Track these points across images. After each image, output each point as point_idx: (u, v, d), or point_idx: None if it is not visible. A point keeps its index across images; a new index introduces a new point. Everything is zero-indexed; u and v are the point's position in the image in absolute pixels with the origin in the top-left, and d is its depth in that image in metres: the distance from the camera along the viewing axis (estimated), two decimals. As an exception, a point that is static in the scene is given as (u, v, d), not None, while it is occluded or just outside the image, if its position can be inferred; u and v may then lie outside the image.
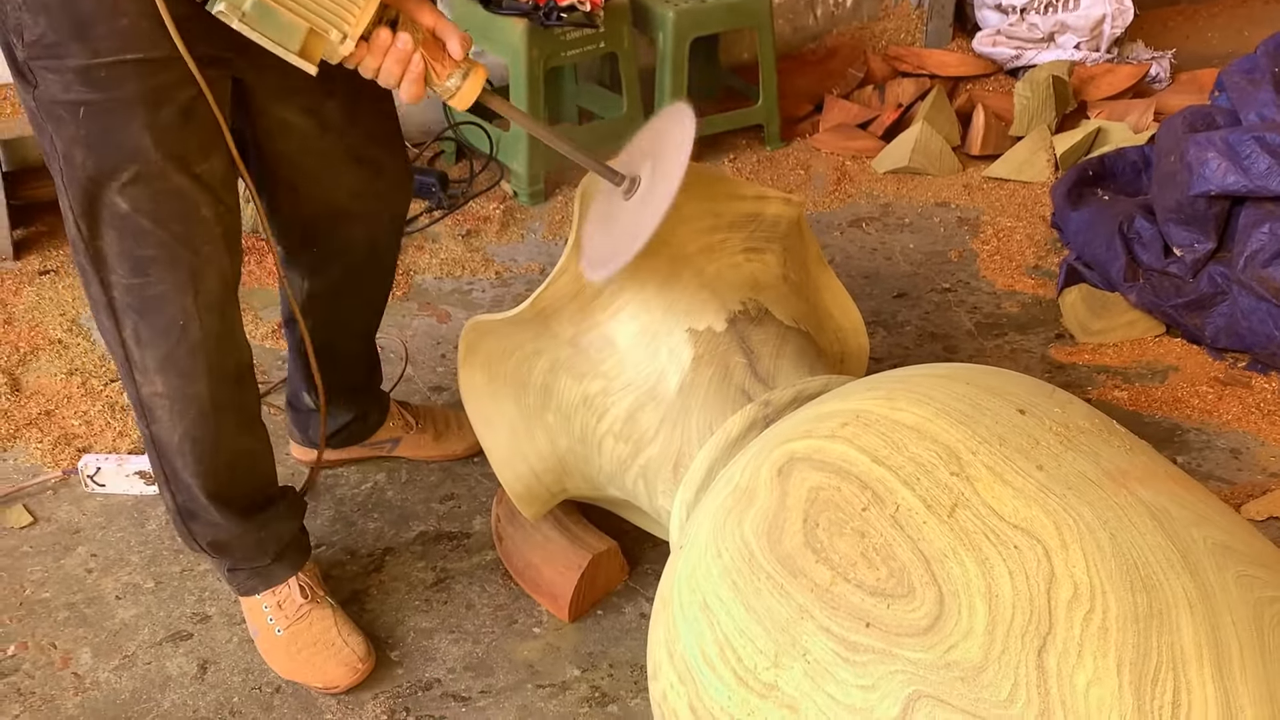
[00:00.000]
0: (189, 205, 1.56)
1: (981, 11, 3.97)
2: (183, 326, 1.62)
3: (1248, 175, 2.55)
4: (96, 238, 1.57)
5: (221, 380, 1.71)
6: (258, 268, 2.94)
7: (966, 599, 1.15)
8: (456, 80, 1.52)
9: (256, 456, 1.87)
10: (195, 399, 1.69)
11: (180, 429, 1.71)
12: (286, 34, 1.40)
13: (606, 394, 1.79)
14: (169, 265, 1.58)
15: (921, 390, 1.38)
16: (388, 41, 1.45)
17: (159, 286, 1.59)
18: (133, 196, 1.53)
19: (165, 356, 1.64)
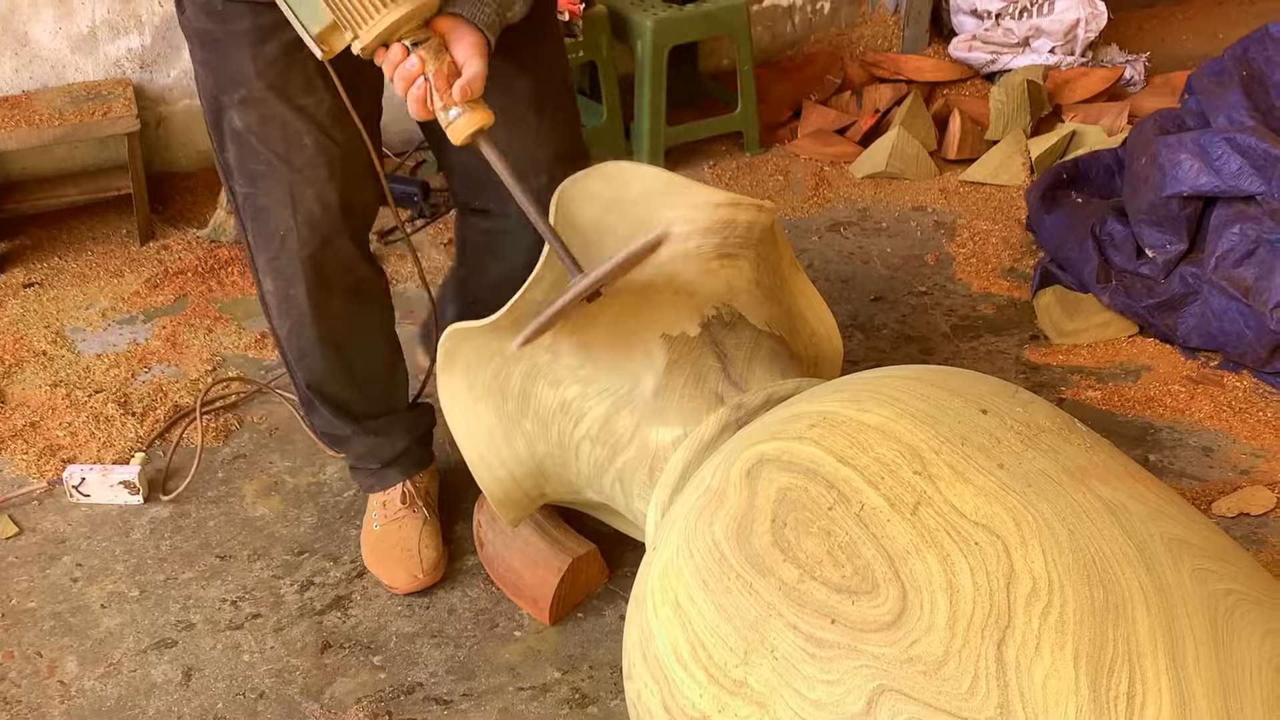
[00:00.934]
0: (291, 132, 1.78)
1: (957, 17, 4.01)
2: (283, 237, 1.85)
3: (1220, 176, 2.59)
4: (223, 149, 1.84)
5: (323, 291, 1.90)
6: (241, 279, 2.96)
7: (928, 595, 1.18)
8: (452, 115, 1.57)
9: (368, 367, 2.04)
10: (296, 303, 1.91)
11: (285, 327, 1.96)
12: (311, 18, 1.54)
13: (583, 399, 1.81)
14: (273, 181, 1.81)
15: (886, 392, 1.41)
16: (397, 59, 1.54)
17: (265, 199, 1.83)
18: (243, 117, 1.77)
19: (270, 260, 1.89)
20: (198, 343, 2.73)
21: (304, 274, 1.87)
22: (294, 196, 1.82)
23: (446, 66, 1.55)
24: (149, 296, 2.89)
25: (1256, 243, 2.52)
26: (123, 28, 3.22)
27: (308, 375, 2.02)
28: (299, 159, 1.80)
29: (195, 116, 3.34)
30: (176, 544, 2.20)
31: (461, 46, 1.56)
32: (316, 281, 1.89)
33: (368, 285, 1.98)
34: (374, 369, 2.07)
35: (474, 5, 1.58)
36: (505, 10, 1.62)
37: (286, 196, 1.82)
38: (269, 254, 1.88)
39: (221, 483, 2.34)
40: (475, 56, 1.56)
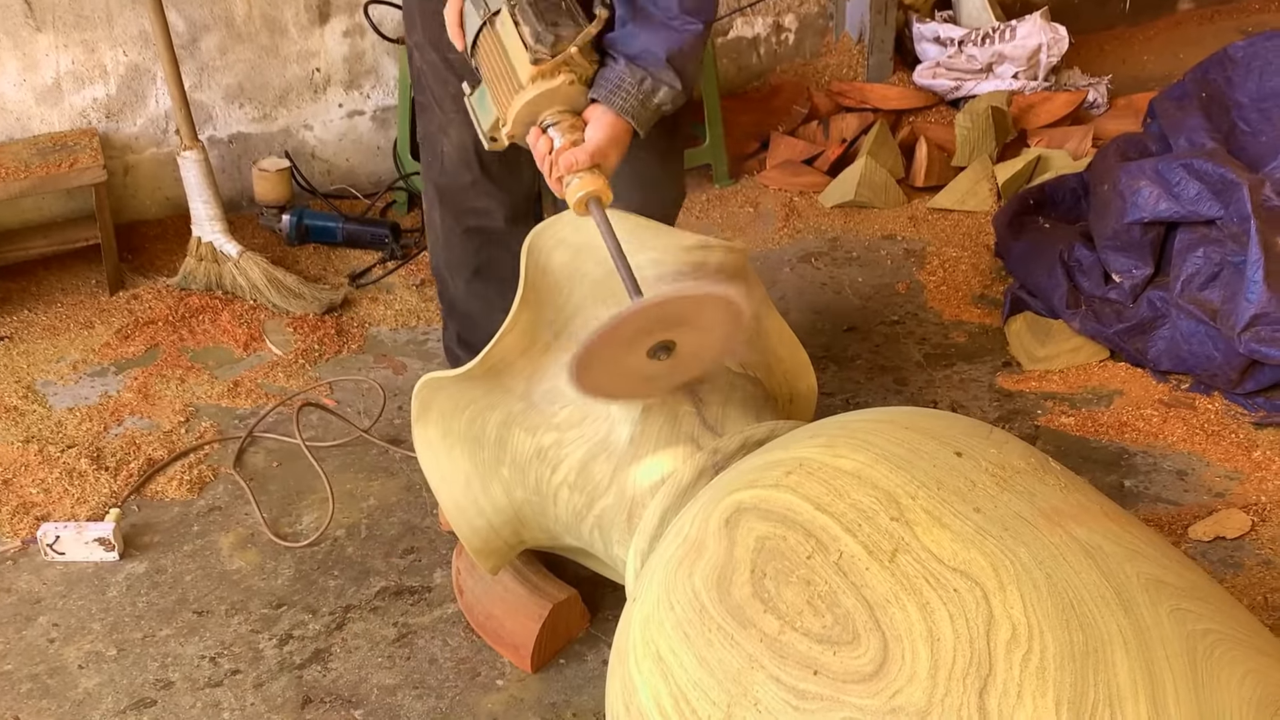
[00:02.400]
0: (440, 77, 2.07)
1: (920, 45, 4.04)
2: (429, 163, 2.19)
3: (1179, 202, 2.61)
4: (413, 80, 2.19)
5: (452, 220, 2.20)
6: (212, 326, 2.95)
7: (909, 644, 1.18)
8: (570, 181, 1.69)
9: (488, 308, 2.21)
10: (434, 224, 2.24)
11: (429, 240, 2.31)
12: (485, 115, 1.81)
13: (560, 446, 1.81)
14: (429, 115, 2.14)
15: (861, 436, 1.41)
16: (534, 140, 1.74)
17: (426, 127, 2.16)
18: (417, 57, 2.12)
19: (425, 178, 2.23)
20: (170, 393, 2.71)
21: (439, 199, 2.19)
22: (444, 133, 2.12)
23: (570, 144, 1.69)
24: (120, 347, 2.88)
25: (1221, 265, 2.55)
26: (87, 78, 3.21)
27: (439, 288, 2.33)
28: (445, 101, 2.08)
29: (162, 164, 3.34)
30: (153, 600, 2.18)
31: (592, 125, 1.71)
32: (445, 210, 2.19)
33: (498, 235, 2.19)
34: (491, 312, 2.17)
35: (612, 92, 1.72)
36: (650, 96, 1.74)
37: (437, 131, 2.13)
38: (424, 174, 2.23)
39: (197, 536, 2.33)
40: (597, 131, 1.70)
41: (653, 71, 1.72)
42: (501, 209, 2.18)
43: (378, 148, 3.60)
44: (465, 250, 2.22)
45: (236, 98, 3.39)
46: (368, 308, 3.07)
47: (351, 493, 2.42)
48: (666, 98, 1.75)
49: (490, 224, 2.19)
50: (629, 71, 1.72)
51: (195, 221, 3.10)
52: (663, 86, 1.74)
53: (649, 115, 1.75)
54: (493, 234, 2.20)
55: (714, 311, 1.60)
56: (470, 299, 2.27)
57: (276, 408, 2.66)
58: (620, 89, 1.72)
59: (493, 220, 2.18)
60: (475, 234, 2.20)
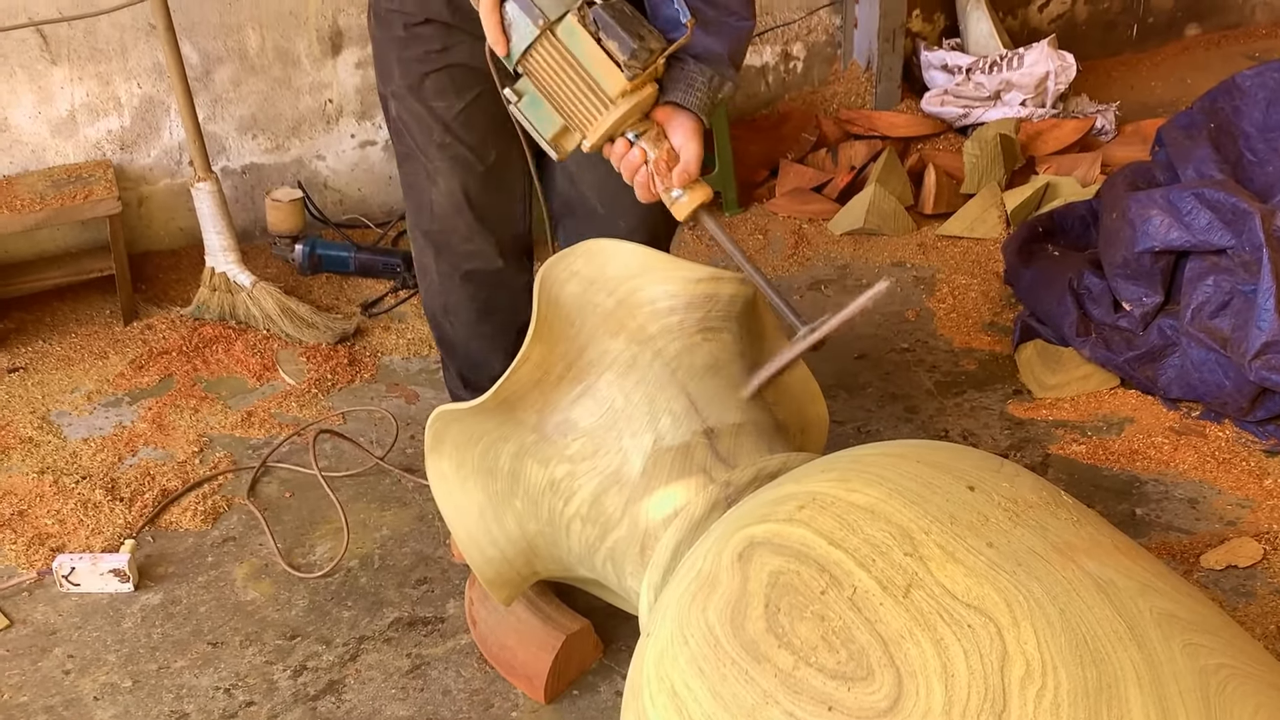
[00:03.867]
0: (424, 125, 2.06)
1: (929, 72, 4.06)
2: (418, 210, 2.16)
3: (1190, 231, 2.62)
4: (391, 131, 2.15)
5: (446, 266, 2.18)
6: (226, 356, 2.97)
7: (924, 680, 1.19)
8: (677, 195, 1.74)
9: (489, 353, 2.26)
10: (427, 270, 2.22)
11: (422, 287, 2.28)
12: (545, 124, 1.78)
13: (572, 478, 1.82)
14: (412, 164, 2.12)
15: (874, 470, 1.42)
16: (622, 152, 1.75)
17: (411, 177, 2.15)
18: (395, 105, 2.08)
19: (413, 226, 2.21)
20: (184, 424, 2.73)
21: (430, 246, 2.18)
22: (429, 179, 2.11)
23: (665, 153, 1.72)
24: (134, 378, 2.90)
25: (1231, 294, 2.55)
26: (102, 110, 3.24)
27: (435, 333, 2.33)
28: (430, 149, 2.07)
29: (176, 195, 3.37)
30: (168, 631, 2.19)
31: (678, 133, 1.74)
32: (440, 257, 2.18)
33: (490, 275, 2.20)
34: (493, 358, 2.25)
35: (687, 91, 1.76)
36: (716, 92, 1.79)
37: (423, 179, 2.12)
38: (410, 222, 2.21)
39: (211, 566, 2.34)
40: (690, 140, 1.74)
41: (719, 69, 1.78)
42: (496, 249, 2.18)
43: (389, 177, 3.62)
44: (464, 294, 2.21)
45: (250, 129, 3.42)
46: (380, 337, 3.08)
47: (365, 522, 2.43)
48: (730, 91, 1.82)
49: (487, 266, 2.19)
50: (699, 71, 1.77)
51: (209, 252, 3.13)
52: (727, 82, 1.80)
53: (713, 109, 1.81)
54: (490, 275, 2.20)
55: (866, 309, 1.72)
56: (471, 340, 2.28)
57: (290, 438, 2.68)
58: (693, 89, 1.76)
59: (489, 262, 2.18)
60: (473, 277, 2.19)
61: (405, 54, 2.02)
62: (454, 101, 2.03)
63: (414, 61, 2.01)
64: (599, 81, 1.70)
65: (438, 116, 2.04)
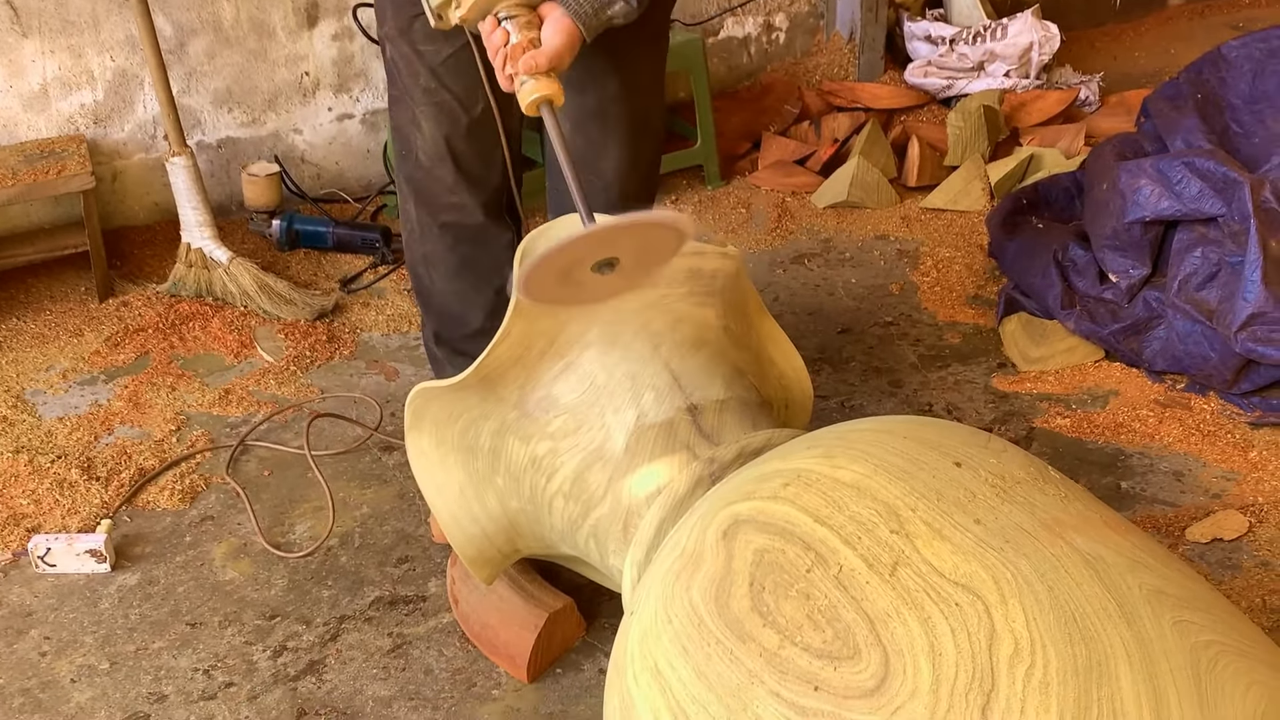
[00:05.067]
0: (411, 69, 2.06)
1: (912, 43, 4.03)
2: (403, 155, 2.17)
3: (1180, 200, 2.60)
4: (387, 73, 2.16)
5: (426, 214, 2.18)
6: (203, 333, 2.93)
7: (911, 658, 1.17)
8: (524, 82, 1.66)
9: (467, 305, 2.25)
10: (409, 217, 2.22)
11: (404, 234, 2.28)
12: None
13: (554, 455, 1.80)
14: (400, 107, 2.13)
15: (860, 447, 1.40)
16: (489, 30, 1.71)
17: (398, 119, 2.15)
18: (389, 47, 2.10)
19: (398, 170, 2.22)
20: (161, 402, 2.69)
21: (412, 192, 2.18)
22: (414, 124, 2.10)
23: (527, 40, 1.67)
24: (110, 355, 2.86)
25: (1218, 265, 2.54)
26: (75, 84, 3.19)
27: (414, 284, 2.31)
28: (416, 93, 2.07)
29: (151, 170, 3.32)
30: (146, 612, 2.16)
31: (549, 27, 1.68)
32: (420, 205, 2.18)
33: (471, 228, 2.19)
34: (469, 309, 2.25)
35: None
36: (603, 10, 1.74)
37: (409, 123, 2.11)
38: (396, 166, 2.22)
39: (189, 546, 2.31)
40: (556, 35, 1.67)
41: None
42: (476, 203, 2.17)
43: (368, 151, 3.58)
44: (441, 245, 2.21)
45: (225, 102, 3.37)
46: (359, 313, 3.05)
47: (345, 501, 2.40)
48: (619, 12, 1.76)
49: (466, 219, 2.18)
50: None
51: (185, 227, 3.08)
52: (619, 2, 1.75)
53: (599, 25, 1.76)
54: (469, 229, 2.19)
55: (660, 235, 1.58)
56: (447, 294, 2.26)
57: (270, 416, 2.65)
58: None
59: (468, 215, 2.17)
60: (451, 229, 2.19)
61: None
62: (442, 47, 2.02)
63: (405, 4, 2.00)
64: None
65: (425, 61, 2.04)
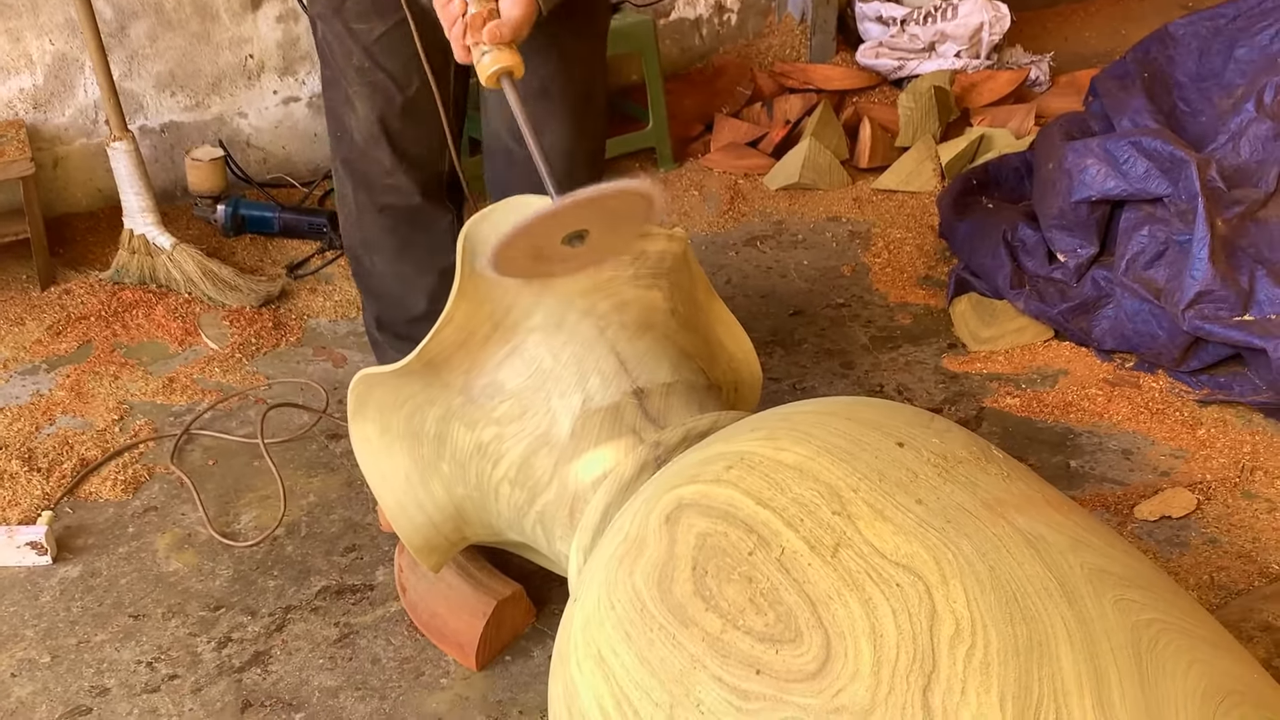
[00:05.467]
0: (345, 48, 2.01)
1: (863, 24, 4.02)
2: (339, 138, 2.12)
3: (1126, 179, 2.61)
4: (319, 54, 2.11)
5: (365, 196, 2.14)
6: (147, 321, 2.89)
7: (852, 641, 1.16)
8: (485, 52, 1.61)
9: (406, 288, 2.21)
10: (346, 201, 2.17)
11: (340, 219, 2.23)
12: None
13: (500, 440, 1.78)
14: (334, 88, 2.08)
15: (803, 428, 1.39)
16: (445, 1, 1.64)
17: (332, 101, 2.10)
18: (320, 27, 2.04)
19: (333, 153, 2.16)
20: (103, 391, 2.65)
21: (349, 175, 2.13)
22: (349, 105, 2.06)
23: (486, 10, 1.61)
24: (51, 344, 2.81)
25: (1166, 244, 2.55)
26: (12, 68, 3.13)
27: (354, 268, 2.27)
28: (349, 73, 2.03)
29: (93, 155, 3.27)
30: (88, 605, 2.13)
31: None
32: (358, 186, 2.13)
33: (409, 210, 2.15)
34: (409, 292, 2.21)
35: None
36: None
37: (341, 104, 2.07)
38: (331, 149, 2.16)
39: (132, 537, 2.27)
40: (515, 6, 1.62)
41: None
42: (415, 185, 2.13)
43: (314, 135, 3.54)
44: (380, 228, 2.17)
45: (168, 86, 3.32)
46: (306, 299, 3.01)
47: (291, 489, 2.37)
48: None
49: (404, 201, 2.14)
50: None
51: (127, 214, 3.03)
52: None
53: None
54: (407, 211, 2.16)
55: (629, 204, 1.56)
56: (388, 278, 2.22)
57: (215, 405, 2.61)
58: None
59: (407, 197, 2.14)
60: (389, 211, 2.15)
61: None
62: (375, 24, 1.97)
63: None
64: None
65: (358, 39, 1.99)
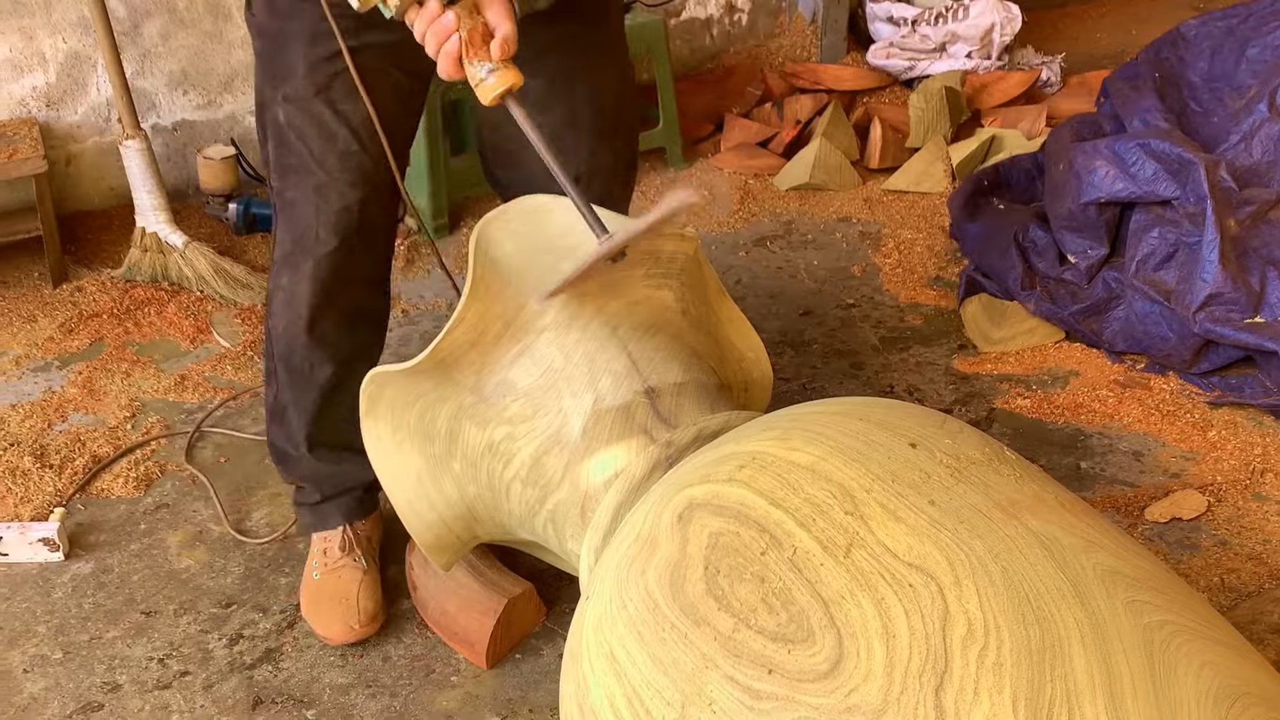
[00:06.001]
0: (326, 133, 1.83)
1: (874, 25, 4.02)
2: (303, 233, 1.89)
3: (1135, 181, 2.61)
4: (264, 143, 1.90)
5: (325, 297, 1.92)
6: (158, 319, 2.90)
7: (865, 641, 1.16)
8: (484, 73, 1.58)
9: (346, 394, 1.97)
10: (298, 302, 1.93)
11: (281, 324, 1.96)
12: None
13: (511, 439, 1.78)
14: (303, 177, 1.86)
15: (815, 429, 1.39)
16: (434, 13, 1.57)
17: (294, 193, 1.87)
18: (286, 112, 1.83)
19: (287, 254, 1.91)
20: (115, 388, 2.66)
21: (314, 274, 1.90)
22: (321, 196, 1.86)
23: (480, 26, 1.58)
24: (64, 341, 2.82)
25: (1176, 246, 2.55)
26: (26, 66, 3.14)
27: (287, 379, 2.01)
28: (330, 160, 1.85)
29: (106, 153, 3.28)
30: (100, 601, 2.14)
31: (492, 9, 1.58)
32: (322, 287, 1.92)
33: (368, 310, 2.03)
34: (347, 399, 2.04)
35: None
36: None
37: (314, 195, 1.86)
38: (288, 248, 1.91)
39: (144, 534, 2.28)
40: (505, 20, 1.58)
41: None
42: (379, 277, 2.01)
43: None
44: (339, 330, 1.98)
45: (180, 84, 3.33)
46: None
47: (302, 487, 2.38)
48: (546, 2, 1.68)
49: (369, 297, 2.02)
50: None
51: (139, 212, 3.04)
52: None
53: (526, 6, 1.67)
54: (370, 312, 2.04)
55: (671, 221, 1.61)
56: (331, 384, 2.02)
57: (226, 402, 2.62)
58: None
59: (373, 294, 2.02)
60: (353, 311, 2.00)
61: (315, 49, 1.79)
62: (360, 105, 1.80)
63: (324, 60, 1.79)
64: None
65: (345, 121, 1.83)
